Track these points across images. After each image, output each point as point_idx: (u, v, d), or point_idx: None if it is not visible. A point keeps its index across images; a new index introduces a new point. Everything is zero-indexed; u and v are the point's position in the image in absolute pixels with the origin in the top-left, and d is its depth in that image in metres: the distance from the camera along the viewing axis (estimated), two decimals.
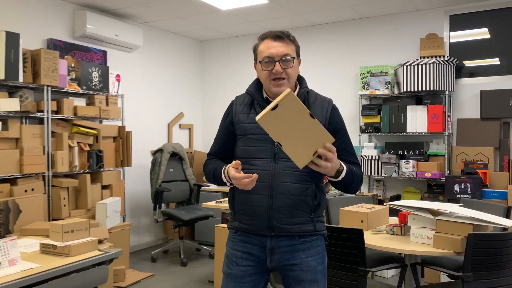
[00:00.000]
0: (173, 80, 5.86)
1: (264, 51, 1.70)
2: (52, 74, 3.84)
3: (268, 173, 1.67)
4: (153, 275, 4.31)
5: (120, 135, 4.59)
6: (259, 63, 1.72)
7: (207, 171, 1.85)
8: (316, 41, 5.38)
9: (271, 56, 1.67)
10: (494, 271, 2.25)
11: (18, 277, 1.95)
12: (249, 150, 1.72)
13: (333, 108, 1.77)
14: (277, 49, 1.68)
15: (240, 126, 1.76)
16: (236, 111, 1.79)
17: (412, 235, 2.48)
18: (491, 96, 4.30)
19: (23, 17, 4.10)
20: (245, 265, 1.73)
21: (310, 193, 1.69)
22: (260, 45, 1.74)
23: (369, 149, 4.74)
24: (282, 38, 1.70)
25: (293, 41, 1.73)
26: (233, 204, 1.79)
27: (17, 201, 3.31)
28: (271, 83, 1.70)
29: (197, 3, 4.49)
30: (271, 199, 1.66)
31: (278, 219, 1.67)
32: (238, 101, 1.83)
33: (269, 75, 1.69)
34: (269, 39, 1.71)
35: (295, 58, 1.73)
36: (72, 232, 2.35)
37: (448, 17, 4.61)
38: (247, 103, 1.79)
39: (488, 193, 4.06)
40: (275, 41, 1.69)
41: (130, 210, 5.17)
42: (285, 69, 1.68)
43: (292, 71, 1.70)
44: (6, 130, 3.61)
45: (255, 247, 1.72)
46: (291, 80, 1.71)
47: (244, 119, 1.76)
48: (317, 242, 1.75)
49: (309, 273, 1.71)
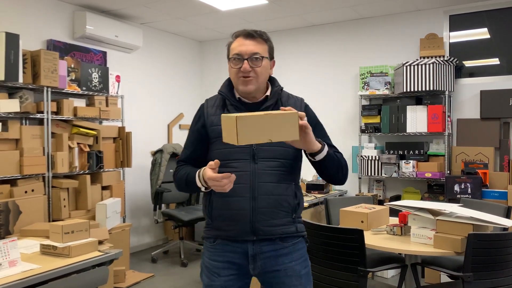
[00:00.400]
0: (173, 80, 5.86)
1: (235, 48, 1.68)
2: (52, 75, 3.85)
3: (249, 174, 1.63)
4: (153, 275, 4.31)
5: (120, 135, 4.59)
6: (230, 65, 1.69)
7: (178, 177, 1.76)
8: (316, 41, 5.38)
9: (240, 54, 1.65)
10: (495, 271, 2.25)
11: (18, 278, 1.95)
12: (226, 152, 1.65)
13: (306, 105, 1.80)
14: (247, 47, 1.65)
15: (214, 129, 1.70)
16: (208, 114, 1.74)
17: (412, 235, 2.48)
18: (491, 96, 4.30)
19: (23, 18, 4.10)
20: (228, 275, 1.68)
21: (291, 192, 1.67)
22: (233, 43, 1.71)
23: (369, 150, 4.74)
24: (254, 36, 1.67)
25: (266, 40, 1.70)
26: (210, 210, 1.71)
27: (17, 202, 3.31)
28: (239, 80, 1.67)
29: (197, 3, 4.50)
30: (253, 200, 1.62)
31: (260, 221, 1.62)
32: (209, 104, 1.78)
33: (238, 73, 1.66)
34: (241, 37, 1.68)
35: (266, 58, 1.69)
36: (72, 233, 2.35)
37: (447, 17, 4.61)
38: (219, 104, 1.75)
39: (488, 193, 4.06)
40: (246, 39, 1.67)
41: (130, 211, 5.17)
42: (254, 68, 1.65)
43: (261, 70, 1.67)
44: (6, 131, 3.61)
45: (236, 255, 1.66)
46: (260, 79, 1.68)
47: (217, 121, 1.69)
48: (299, 245, 1.72)
49: (294, 278, 1.67)
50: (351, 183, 5.10)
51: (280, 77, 5.90)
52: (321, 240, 2.46)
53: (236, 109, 1.70)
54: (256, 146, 1.64)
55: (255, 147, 1.64)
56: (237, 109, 1.69)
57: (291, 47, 5.55)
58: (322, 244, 2.46)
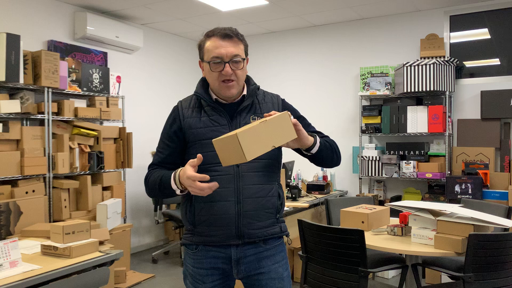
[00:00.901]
0: (173, 81, 5.86)
1: (212, 50, 1.58)
2: (53, 75, 3.85)
3: (232, 177, 1.58)
4: (154, 276, 4.31)
5: (121, 136, 4.59)
6: (206, 63, 1.61)
7: (151, 181, 1.66)
8: (316, 42, 5.38)
9: (220, 57, 1.57)
10: (495, 272, 2.25)
11: (19, 278, 1.95)
12: (207, 155, 1.57)
13: (283, 100, 1.76)
14: (227, 49, 1.57)
15: (193, 132, 1.63)
16: (185, 116, 1.66)
17: (413, 236, 2.48)
18: (491, 96, 4.30)
19: (24, 18, 4.11)
20: (212, 281, 1.65)
21: (275, 193, 1.66)
22: (207, 43, 1.61)
23: (369, 150, 4.74)
24: (231, 37, 1.59)
25: (242, 40, 1.63)
26: (191, 216, 1.64)
27: (18, 203, 3.31)
28: (220, 85, 1.60)
29: (197, 4, 4.50)
30: (239, 204, 1.58)
31: (246, 225, 1.58)
32: (184, 105, 1.69)
33: (218, 77, 1.59)
34: (217, 37, 1.59)
35: (245, 58, 1.63)
36: (73, 234, 2.35)
37: (448, 18, 4.61)
38: (195, 106, 1.67)
39: (489, 194, 4.06)
40: (223, 40, 1.58)
41: (130, 212, 5.17)
42: (235, 71, 1.59)
43: (242, 72, 1.62)
44: (7, 132, 3.61)
45: (219, 260, 1.63)
46: (240, 82, 1.63)
47: (195, 123, 1.63)
48: (280, 247, 1.71)
49: (276, 280, 1.65)
50: (351, 183, 5.10)
51: (280, 77, 5.94)
52: (322, 240, 2.46)
53: (214, 110, 1.64)
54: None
55: None
56: (215, 110, 1.64)
57: (291, 48, 5.55)
58: (323, 245, 2.46)
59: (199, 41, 1.66)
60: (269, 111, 1.62)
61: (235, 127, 1.61)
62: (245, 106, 1.66)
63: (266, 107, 1.69)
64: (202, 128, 1.62)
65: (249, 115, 1.66)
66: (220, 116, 1.63)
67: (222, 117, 1.63)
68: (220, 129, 1.61)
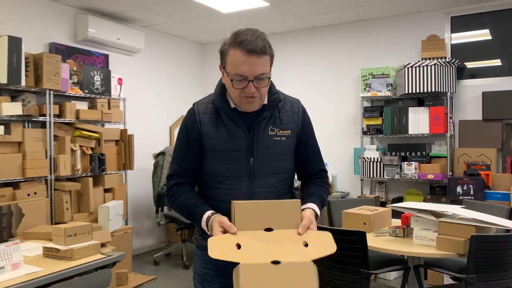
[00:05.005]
0: (175, 83, 5.87)
1: (236, 66, 1.46)
2: (54, 78, 3.86)
3: (245, 193, 1.54)
4: (155, 278, 4.31)
5: (122, 138, 4.59)
6: (227, 75, 1.50)
7: (177, 205, 1.60)
8: (317, 43, 5.38)
9: (244, 76, 1.45)
10: (498, 273, 2.25)
11: (21, 281, 1.95)
12: (221, 167, 1.54)
13: (303, 112, 1.67)
14: (252, 67, 1.44)
15: (208, 142, 1.56)
16: (202, 122, 1.58)
17: (415, 237, 2.48)
18: (493, 97, 4.29)
19: (25, 21, 4.12)
20: (220, 283, 1.64)
21: None
22: (231, 53, 1.47)
23: (371, 151, 4.74)
24: (258, 53, 1.44)
25: (269, 54, 1.49)
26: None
27: (19, 205, 3.31)
28: (242, 100, 1.51)
29: (198, 6, 4.51)
30: None
31: None
32: (201, 110, 1.60)
33: (241, 93, 1.49)
34: (243, 51, 1.44)
35: (270, 72, 1.52)
36: (74, 236, 2.35)
37: (449, 19, 4.60)
38: (212, 112, 1.58)
39: (491, 195, 4.05)
40: (249, 56, 1.44)
41: (132, 213, 5.17)
42: (259, 88, 1.49)
43: (266, 88, 1.53)
44: (9, 134, 3.62)
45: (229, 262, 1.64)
46: (263, 97, 1.55)
47: (212, 133, 1.56)
48: None
49: None
50: (353, 185, 5.10)
51: (281, 79, 5.93)
52: None
53: (231, 119, 1.56)
54: (253, 162, 1.55)
55: (253, 164, 1.55)
56: (232, 120, 1.56)
57: (292, 49, 5.55)
58: None
59: (222, 45, 1.52)
60: (289, 122, 1.59)
61: (251, 139, 1.56)
62: (265, 117, 1.58)
63: (285, 118, 1.61)
64: (219, 139, 1.56)
65: (268, 126, 1.58)
66: (237, 127, 1.56)
67: (239, 129, 1.56)
68: (236, 141, 1.55)
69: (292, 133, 1.62)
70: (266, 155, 1.57)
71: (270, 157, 1.58)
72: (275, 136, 1.58)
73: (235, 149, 1.54)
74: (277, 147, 1.58)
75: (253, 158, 1.55)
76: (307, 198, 1.61)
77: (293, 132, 1.62)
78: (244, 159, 1.55)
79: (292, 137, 1.62)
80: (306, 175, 1.74)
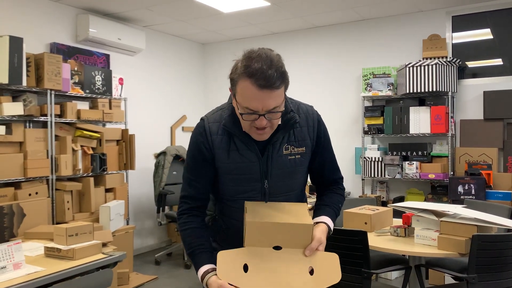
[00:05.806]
0: (176, 83, 5.87)
1: (246, 100, 1.35)
2: (55, 78, 3.86)
3: None
4: (156, 278, 4.31)
5: (123, 138, 4.60)
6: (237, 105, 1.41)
7: (183, 238, 1.56)
8: (318, 43, 5.38)
9: (256, 111, 1.36)
10: (499, 273, 2.24)
11: (23, 280, 1.95)
12: (233, 188, 1.53)
13: (319, 123, 1.59)
14: (264, 102, 1.34)
15: (220, 166, 1.51)
16: (214, 145, 1.50)
17: (416, 237, 2.48)
18: (494, 96, 4.29)
19: (26, 21, 4.12)
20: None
21: None
22: (241, 84, 1.35)
23: (372, 151, 4.74)
24: (271, 88, 1.32)
25: (284, 84, 1.37)
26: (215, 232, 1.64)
27: (21, 205, 3.32)
28: (251, 130, 1.43)
29: (199, 6, 4.51)
30: None
31: None
32: (212, 130, 1.50)
33: (251, 123, 1.41)
34: (254, 85, 1.31)
35: (283, 100, 1.41)
36: (76, 236, 2.36)
37: (450, 18, 4.60)
38: (225, 134, 1.50)
39: (492, 194, 4.05)
40: (261, 91, 1.32)
41: (133, 213, 5.17)
42: (270, 120, 1.40)
43: (278, 120, 1.44)
44: (10, 134, 3.62)
45: None
46: (275, 127, 1.45)
47: (224, 157, 1.49)
48: None
49: None
50: (354, 184, 5.09)
51: None
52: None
53: (243, 142, 1.49)
54: (268, 184, 1.52)
55: (267, 185, 1.52)
56: (244, 143, 1.49)
57: (293, 49, 5.55)
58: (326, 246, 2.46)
59: (233, 69, 1.40)
60: (304, 139, 1.53)
61: (265, 163, 1.50)
62: (278, 137, 1.49)
63: (300, 134, 1.53)
64: (230, 164, 1.50)
65: (282, 146, 1.51)
66: (250, 151, 1.49)
67: (252, 152, 1.49)
68: (249, 165, 1.50)
69: (307, 149, 1.56)
70: (280, 174, 1.53)
71: (285, 177, 1.54)
72: (289, 155, 1.52)
73: (249, 173, 1.50)
74: (291, 165, 1.54)
75: (267, 180, 1.52)
76: (322, 210, 1.61)
77: (308, 149, 1.56)
78: (258, 181, 1.51)
79: (306, 154, 1.57)
80: (321, 184, 1.71)
